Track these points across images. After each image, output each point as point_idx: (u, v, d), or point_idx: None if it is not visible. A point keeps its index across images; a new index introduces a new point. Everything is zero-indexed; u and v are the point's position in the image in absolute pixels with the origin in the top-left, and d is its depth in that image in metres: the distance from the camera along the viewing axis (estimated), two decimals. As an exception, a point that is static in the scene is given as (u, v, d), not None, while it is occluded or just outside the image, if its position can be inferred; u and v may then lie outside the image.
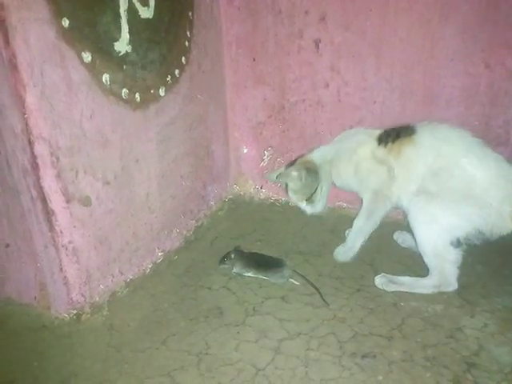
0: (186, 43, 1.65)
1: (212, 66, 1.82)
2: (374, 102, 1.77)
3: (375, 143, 1.54)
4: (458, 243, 1.36)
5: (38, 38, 1.08)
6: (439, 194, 1.36)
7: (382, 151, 1.51)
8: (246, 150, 2.05)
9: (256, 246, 1.73)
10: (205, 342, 1.23)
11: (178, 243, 1.68)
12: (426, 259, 1.41)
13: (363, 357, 1.18)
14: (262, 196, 2.10)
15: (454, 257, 1.37)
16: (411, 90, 1.72)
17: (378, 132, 1.57)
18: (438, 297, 1.39)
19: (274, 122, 1.96)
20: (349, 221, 1.89)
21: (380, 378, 1.11)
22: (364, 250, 1.58)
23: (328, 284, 1.49)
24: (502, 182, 1.33)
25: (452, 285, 1.39)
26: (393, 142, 1.49)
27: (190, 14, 1.65)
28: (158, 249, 1.59)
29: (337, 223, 1.88)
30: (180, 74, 1.61)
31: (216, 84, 1.87)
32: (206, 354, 1.19)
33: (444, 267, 1.39)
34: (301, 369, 1.14)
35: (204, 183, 1.84)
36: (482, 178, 1.34)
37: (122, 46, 1.34)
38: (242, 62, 1.91)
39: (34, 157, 1.13)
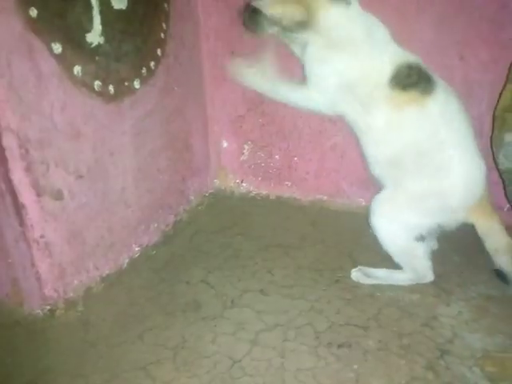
0: (162, 35, 1.63)
1: (189, 59, 1.80)
2: (352, 95, 1.78)
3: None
4: (422, 238, 1.34)
5: (3, 28, 1.05)
6: (407, 181, 1.31)
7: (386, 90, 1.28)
8: (225, 144, 2.04)
9: (236, 240, 1.73)
10: (181, 336, 1.22)
11: (156, 238, 1.67)
12: (394, 259, 1.39)
13: (339, 346, 1.18)
14: (243, 190, 2.09)
15: (421, 251, 1.35)
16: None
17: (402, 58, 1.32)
18: (415, 286, 1.40)
19: (254, 115, 1.95)
20: (329, 213, 1.92)
21: (355, 366, 1.12)
22: (343, 241, 1.59)
23: (307, 276, 1.49)
24: (469, 181, 1.29)
25: (427, 276, 1.40)
26: (404, 89, 1.27)
27: (166, 5, 1.63)
28: (135, 244, 1.57)
29: (317, 216, 1.88)
30: (156, 66, 1.59)
31: (194, 77, 1.85)
32: (183, 347, 1.18)
33: (414, 263, 1.39)
34: (277, 359, 1.14)
35: (183, 177, 1.83)
36: (457, 173, 1.27)
37: (95, 37, 1.32)
38: (221, 54, 1.89)
39: (1, 149, 1.10)
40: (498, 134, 1.33)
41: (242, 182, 2.08)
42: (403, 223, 1.32)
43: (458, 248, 1.56)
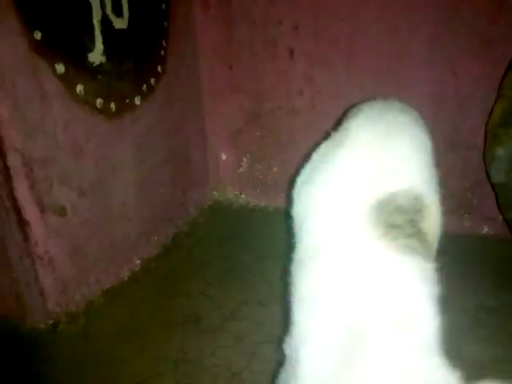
0: (162, 52, 1.67)
1: (188, 75, 1.84)
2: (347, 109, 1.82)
3: None
4: None
5: (9, 50, 1.09)
6: None
7: None
8: (224, 157, 2.07)
9: (235, 252, 1.76)
10: (181, 349, 1.25)
11: (157, 251, 1.69)
12: None
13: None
14: (242, 202, 2.12)
15: None
16: (383, 97, 1.77)
17: None
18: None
19: (251, 128, 1.99)
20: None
21: (352, 377, 1.14)
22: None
23: None
24: None
25: None
26: None
27: (166, 23, 1.68)
28: (136, 257, 1.59)
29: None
30: (156, 82, 1.63)
31: (192, 92, 1.89)
32: (183, 360, 1.21)
33: None
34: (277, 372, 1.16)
35: (183, 190, 1.86)
36: None
37: (96, 56, 1.36)
38: (219, 70, 1.94)
39: (6, 168, 1.13)
40: (490, 148, 1.37)
41: (240, 193, 2.11)
42: None
43: (457, 259, 1.58)
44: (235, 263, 1.68)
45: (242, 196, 2.12)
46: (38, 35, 1.17)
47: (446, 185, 1.10)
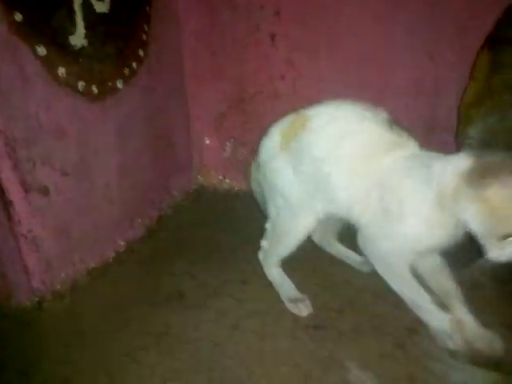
0: (144, 37, 1.68)
1: (171, 59, 1.86)
2: (327, 93, 1.85)
3: None
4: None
5: (-12, 33, 1.10)
6: None
7: None
8: (208, 141, 2.10)
9: (219, 234, 1.79)
10: (165, 324, 1.28)
11: (141, 233, 1.72)
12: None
13: (315, 328, 1.26)
14: (226, 186, 2.15)
15: None
16: (364, 82, 1.80)
17: None
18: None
19: (235, 113, 2.02)
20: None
21: (330, 346, 1.19)
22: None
23: (287, 266, 1.54)
24: None
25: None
26: None
27: (148, 8, 1.69)
28: (120, 238, 1.62)
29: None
30: (138, 66, 1.64)
31: (175, 76, 1.91)
32: (166, 334, 1.24)
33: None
34: (256, 342, 1.21)
35: (166, 174, 1.89)
36: None
37: (78, 39, 1.37)
38: (202, 55, 1.96)
39: (-11, 149, 1.15)
40: (462, 128, 1.42)
41: (224, 178, 2.15)
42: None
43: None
44: (219, 244, 1.72)
45: (226, 180, 2.15)
46: (18, 17, 1.18)
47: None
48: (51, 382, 1.10)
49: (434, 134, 1.75)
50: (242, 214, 1.96)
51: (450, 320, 1.14)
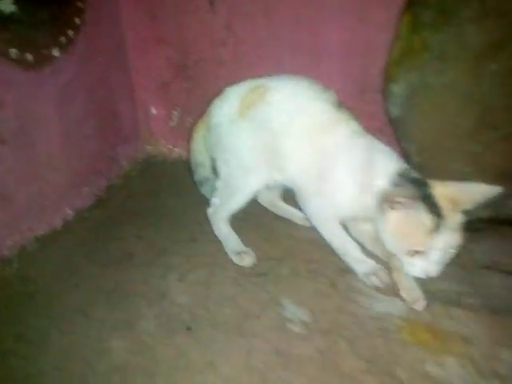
0: (80, 4, 1.66)
1: (110, 27, 1.85)
2: (268, 58, 1.91)
3: None
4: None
5: None
6: None
7: None
8: (154, 111, 2.12)
9: (169, 201, 1.84)
10: (115, 282, 1.34)
11: (90, 202, 1.75)
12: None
13: (257, 276, 1.36)
14: (175, 155, 2.19)
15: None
16: (299, 46, 1.87)
17: None
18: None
19: (179, 81, 2.04)
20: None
21: (270, 289, 1.30)
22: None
23: (235, 224, 1.60)
24: None
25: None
26: None
27: (82, -27, 1.66)
28: (68, 207, 1.64)
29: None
30: (75, 34, 1.63)
31: (116, 44, 1.90)
32: (116, 290, 1.30)
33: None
34: (202, 291, 1.29)
35: (112, 144, 1.90)
36: None
37: (7, 5, 1.35)
38: (142, 21, 1.95)
39: None
40: (387, 85, 1.52)
41: (173, 147, 2.18)
42: None
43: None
44: (169, 209, 1.77)
45: (175, 149, 2.18)
46: None
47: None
48: (3, 340, 1.14)
49: (366, 94, 1.85)
50: (191, 182, 2.00)
51: (375, 265, 1.29)
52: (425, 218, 1.07)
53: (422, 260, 1.11)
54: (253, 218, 1.65)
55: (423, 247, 1.09)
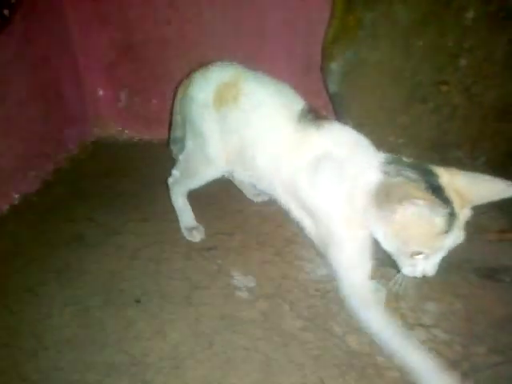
0: (12, -18, 1.60)
1: (50, 7, 1.79)
2: (213, 38, 1.93)
3: None
4: None
5: None
6: None
7: None
8: (101, 92, 2.09)
9: (121, 182, 1.85)
10: (65, 262, 1.35)
11: (37, 186, 1.72)
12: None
13: (207, 249, 1.41)
14: (125, 137, 2.18)
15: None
16: (244, 25, 1.90)
17: None
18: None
19: (125, 61, 2.02)
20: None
21: (219, 261, 1.36)
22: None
23: (189, 197, 1.64)
24: None
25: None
26: None
27: (15, -51, 1.60)
28: (14, 191, 1.62)
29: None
30: (11, 14, 1.58)
31: (57, 25, 1.85)
32: (66, 269, 1.32)
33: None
34: (153, 266, 1.33)
35: (58, 126, 1.87)
36: None
37: None
38: (84, 1, 1.90)
39: None
40: (325, 63, 1.59)
41: (123, 129, 2.17)
42: None
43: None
44: (120, 191, 1.77)
45: (125, 131, 2.17)
46: None
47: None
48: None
49: (310, 72, 1.91)
50: (143, 163, 2.02)
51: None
52: (439, 218, 0.89)
53: (424, 261, 0.95)
54: (207, 195, 1.68)
55: (431, 250, 0.93)
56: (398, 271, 1.02)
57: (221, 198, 1.70)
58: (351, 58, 1.53)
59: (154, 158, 2.04)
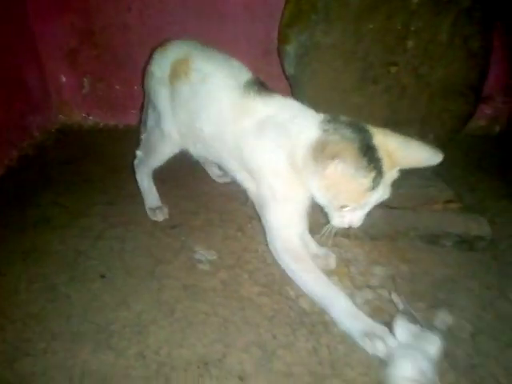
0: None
1: (6, -6, 1.79)
2: (174, 23, 1.96)
3: None
4: None
5: None
6: None
7: None
8: (64, 79, 2.09)
9: (87, 168, 1.87)
10: (31, 244, 1.37)
11: (1, 172, 1.73)
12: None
13: (172, 227, 1.47)
14: (91, 123, 2.20)
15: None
16: (205, 10, 1.94)
17: None
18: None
19: (87, 48, 2.03)
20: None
21: (183, 238, 1.41)
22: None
23: (155, 178, 1.66)
24: None
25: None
26: None
27: None
28: (-23, 178, 1.63)
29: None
30: (-34, 1, 1.57)
31: (16, 12, 1.84)
32: (33, 250, 1.34)
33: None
34: (118, 245, 1.37)
35: (21, 114, 1.87)
36: None
37: None
38: (41, -13, 1.90)
39: None
40: (282, 46, 1.65)
41: (88, 115, 2.18)
42: None
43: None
44: (86, 176, 1.80)
45: (90, 118, 2.19)
46: None
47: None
48: None
49: (271, 56, 1.97)
50: (109, 149, 2.04)
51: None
52: (365, 176, 0.96)
53: (350, 213, 1.05)
54: (173, 179, 1.73)
55: (358, 204, 1.02)
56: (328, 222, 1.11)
57: (187, 181, 1.76)
58: (305, 41, 1.60)
59: (119, 144, 2.06)
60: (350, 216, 1.05)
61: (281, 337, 1.03)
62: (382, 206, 1.57)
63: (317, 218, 1.24)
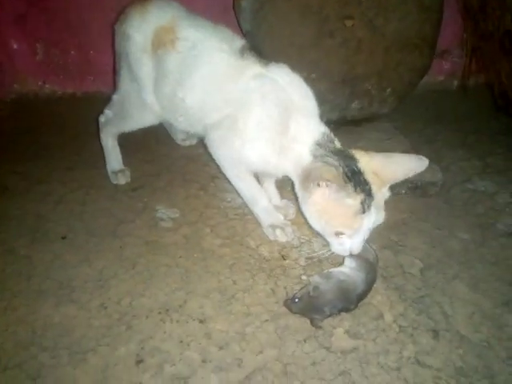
0: None
1: None
2: None
3: None
4: None
5: None
6: None
7: None
8: (15, 46, 2.01)
9: (45, 137, 1.83)
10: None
11: (-46, 144, 1.68)
12: None
13: (133, 190, 1.47)
14: (47, 91, 2.13)
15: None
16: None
17: None
18: (199, 144, 1.71)
19: (36, 13, 1.95)
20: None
21: (145, 199, 1.42)
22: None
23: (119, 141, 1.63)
24: None
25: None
26: None
27: None
28: None
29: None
30: None
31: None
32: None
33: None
34: (78, 208, 1.37)
35: (-29, 83, 1.80)
36: None
37: None
38: None
39: None
40: (237, 1, 1.62)
41: (44, 83, 2.11)
42: None
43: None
44: (45, 145, 1.77)
45: (46, 85, 2.12)
46: None
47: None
48: None
49: (229, 12, 1.93)
50: (68, 117, 2.00)
51: (282, 220, 1.25)
52: (354, 200, 0.96)
53: (349, 240, 1.01)
54: (135, 142, 1.69)
55: (351, 230, 0.99)
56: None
57: (149, 144, 1.75)
58: (261, -4, 1.58)
59: (78, 111, 2.02)
60: (348, 243, 1.02)
61: (241, 282, 1.06)
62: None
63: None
